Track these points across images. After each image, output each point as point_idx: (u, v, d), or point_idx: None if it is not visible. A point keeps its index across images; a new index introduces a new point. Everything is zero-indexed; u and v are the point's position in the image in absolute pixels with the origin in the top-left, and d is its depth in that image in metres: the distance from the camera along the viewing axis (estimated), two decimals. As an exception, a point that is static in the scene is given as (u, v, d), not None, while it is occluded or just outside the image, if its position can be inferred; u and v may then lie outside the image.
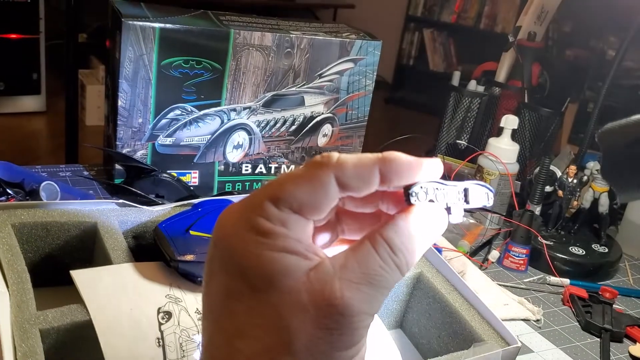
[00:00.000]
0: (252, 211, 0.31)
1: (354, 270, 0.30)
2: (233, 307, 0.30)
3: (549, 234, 1.01)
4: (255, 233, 0.30)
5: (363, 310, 0.29)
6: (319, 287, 0.29)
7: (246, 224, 0.30)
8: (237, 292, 0.30)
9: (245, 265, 0.30)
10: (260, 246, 0.30)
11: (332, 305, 0.29)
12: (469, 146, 1.17)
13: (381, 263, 0.30)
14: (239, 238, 0.30)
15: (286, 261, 0.30)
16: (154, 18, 0.91)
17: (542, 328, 0.83)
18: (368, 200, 0.34)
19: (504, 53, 1.20)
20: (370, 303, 0.30)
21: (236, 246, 0.30)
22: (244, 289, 0.30)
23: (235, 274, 0.30)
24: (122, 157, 0.95)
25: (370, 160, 0.31)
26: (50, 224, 0.66)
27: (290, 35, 0.98)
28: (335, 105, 1.06)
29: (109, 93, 0.99)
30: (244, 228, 0.30)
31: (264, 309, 0.30)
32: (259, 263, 0.30)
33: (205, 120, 0.98)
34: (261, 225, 0.30)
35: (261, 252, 0.30)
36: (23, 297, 0.56)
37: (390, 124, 4.18)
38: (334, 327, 0.29)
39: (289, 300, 0.29)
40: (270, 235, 0.30)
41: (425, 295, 0.73)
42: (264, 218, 0.30)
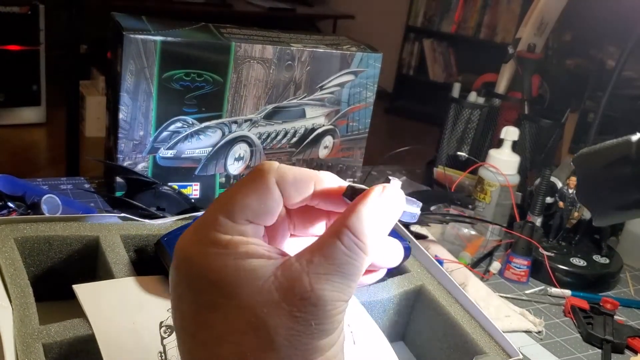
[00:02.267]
0: (209, 229, 0.32)
1: (321, 263, 0.31)
2: (208, 318, 0.31)
3: (550, 245, 1.01)
4: (217, 247, 0.32)
5: (335, 297, 0.31)
6: (288, 283, 0.30)
7: (206, 241, 0.32)
8: (210, 304, 0.31)
9: (213, 278, 0.31)
10: (224, 258, 0.31)
11: (305, 299, 0.30)
12: (469, 158, 1.17)
13: (346, 251, 0.31)
14: (202, 256, 0.32)
15: (252, 265, 0.31)
16: (155, 31, 0.91)
17: (543, 340, 0.83)
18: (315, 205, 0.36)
19: (504, 64, 1.21)
20: (341, 290, 0.31)
21: (201, 263, 0.32)
22: (217, 299, 0.31)
23: (205, 288, 0.32)
24: (123, 170, 0.95)
25: (308, 175, 0.34)
26: (53, 238, 0.67)
27: (291, 48, 0.99)
28: (336, 117, 1.06)
29: (110, 105, 1.00)
30: (205, 245, 0.32)
31: (239, 313, 0.31)
32: (226, 273, 0.31)
33: (206, 132, 0.98)
34: (220, 238, 0.32)
35: (226, 263, 0.31)
36: (26, 312, 0.56)
37: (391, 133, 4.19)
38: (311, 318, 0.30)
39: (262, 301, 0.30)
40: (231, 246, 0.32)
41: (427, 308, 0.73)
42: (220, 232, 0.32)
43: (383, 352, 0.66)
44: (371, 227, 0.32)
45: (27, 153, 3.10)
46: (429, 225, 1.00)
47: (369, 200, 0.33)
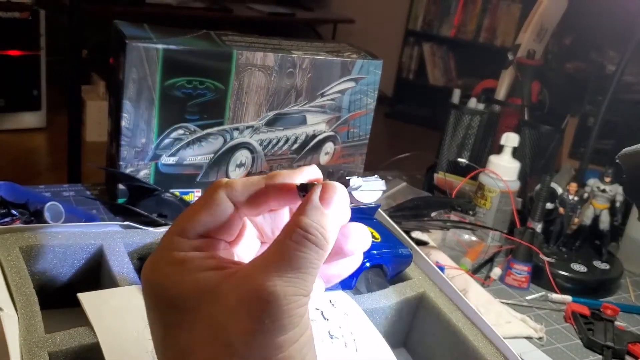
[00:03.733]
0: (165, 249, 0.34)
1: (272, 260, 0.32)
2: (174, 335, 0.33)
3: (550, 251, 1.02)
4: (173, 265, 0.33)
5: (290, 292, 0.31)
6: (241, 287, 0.32)
7: (163, 262, 0.34)
8: (174, 321, 0.33)
9: (173, 295, 0.33)
10: (180, 274, 0.33)
11: (256, 297, 0.31)
12: (469, 164, 1.17)
13: (295, 245, 0.32)
14: (161, 275, 0.34)
15: (206, 277, 0.33)
16: (157, 39, 0.92)
17: (544, 346, 0.83)
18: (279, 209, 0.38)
19: (504, 71, 1.21)
20: (296, 284, 0.31)
21: (161, 284, 0.33)
22: (179, 316, 0.33)
23: (168, 307, 0.33)
24: (125, 177, 0.96)
25: (257, 179, 0.35)
26: (57, 246, 0.67)
27: (292, 55, 0.99)
28: (337, 124, 1.07)
29: (112, 112, 1.00)
30: (163, 266, 0.34)
31: (201, 325, 0.32)
32: (183, 288, 0.33)
33: (208, 139, 0.99)
34: (175, 256, 0.34)
35: (183, 278, 0.33)
36: (31, 320, 0.57)
37: (391, 138, 4.20)
38: (265, 316, 0.31)
39: (219, 308, 0.32)
40: (186, 262, 0.33)
41: (429, 314, 0.73)
42: (176, 251, 0.34)
43: (385, 358, 0.66)
44: (317, 218, 0.33)
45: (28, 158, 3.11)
46: (430, 232, 1.00)
47: (313, 195, 0.34)
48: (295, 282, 0.31)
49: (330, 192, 0.34)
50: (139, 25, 0.99)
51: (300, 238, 0.32)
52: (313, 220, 0.33)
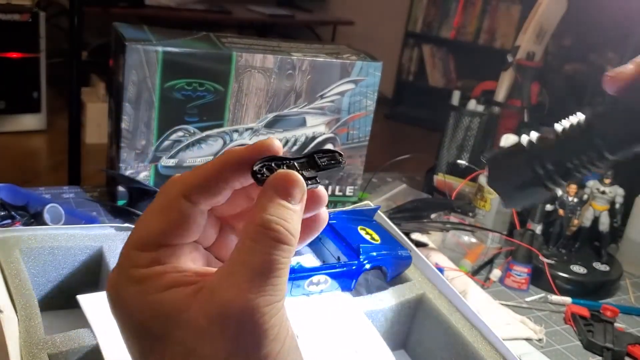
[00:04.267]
0: (123, 266, 0.31)
1: (239, 270, 0.29)
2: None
3: (550, 253, 1.02)
4: (131, 284, 0.30)
5: (262, 303, 0.28)
6: (210, 305, 0.29)
7: (122, 279, 0.31)
8: (146, 348, 0.30)
9: (139, 321, 0.30)
10: (139, 295, 0.30)
11: (227, 315, 0.28)
12: (469, 165, 1.17)
13: (259, 247, 0.29)
14: (122, 299, 0.30)
15: (169, 297, 0.29)
16: (156, 41, 0.92)
17: (544, 347, 0.83)
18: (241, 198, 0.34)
19: (503, 72, 1.21)
20: (267, 291, 0.29)
21: (124, 306, 0.30)
22: (149, 342, 0.30)
23: (135, 332, 0.30)
24: (125, 179, 0.96)
25: (208, 164, 0.31)
26: (57, 248, 0.67)
27: (291, 57, 0.99)
28: (337, 126, 1.07)
29: (112, 114, 1.00)
30: (123, 285, 0.30)
31: (173, 350, 0.29)
32: (146, 312, 0.30)
33: (207, 141, 0.99)
34: (133, 274, 0.30)
35: (145, 300, 0.30)
36: (31, 322, 0.57)
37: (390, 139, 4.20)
38: (240, 334, 0.28)
39: (191, 332, 0.29)
40: (145, 280, 0.30)
41: (428, 316, 0.73)
42: (134, 267, 0.30)
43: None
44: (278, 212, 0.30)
45: (28, 160, 3.11)
46: (430, 233, 1.00)
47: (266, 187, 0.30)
48: (266, 290, 0.28)
49: (284, 181, 0.30)
50: (139, 27, 0.99)
51: (263, 237, 0.29)
52: (274, 215, 0.29)
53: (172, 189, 0.31)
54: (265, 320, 0.28)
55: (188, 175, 0.31)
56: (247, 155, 0.31)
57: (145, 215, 0.31)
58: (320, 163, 0.33)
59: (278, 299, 0.29)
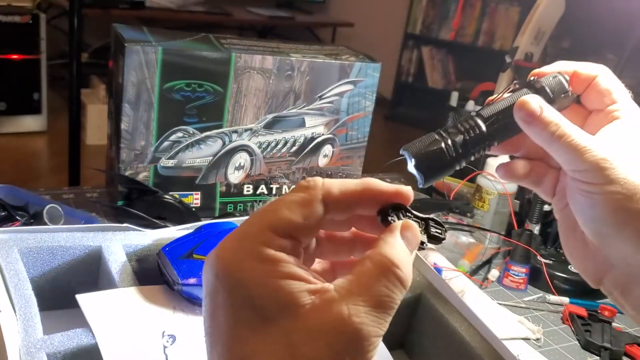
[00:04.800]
0: (254, 241, 0.32)
1: (359, 293, 0.30)
2: (244, 335, 0.31)
3: (548, 253, 1.02)
4: (260, 261, 0.31)
5: (372, 333, 0.30)
6: (327, 313, 0.30)
7: (249, 253, 0.31)
8: (247, 321, 0.31)
9: (253, 295, 0.31)
10: (266, 274, 0.31)
11: (342, 332, 0.29)
12: (467, 166, 1.18)
13: (385, 282, 0.31)
14: (244, 269, 0.31)
15: (292, 287, 0.31)
16: (156, 42, 0.92)
17: (542, 347, 0.84)
18: (347, 224, 0.37)
19: (502, 73, 1.22)
20: (378, 324, 0.30)
21: (242, 277, 0.31)
22: (255, 319, 0.31)
23: (243, 304, 0.31)
24: (125, 180, 0.96)
25: (354, 185, 0.34)
26: (56, 248, 0.67)
27: (290, 58, 1.00)
28: (336, 127, 1.07)
29: (112, 115, 1.01)
30: (248, 258, 0.31)
31: (275, 337, 0.30)
32: (267, 291, 0.31)
33: (207, 142, 0.99)
34: (265, 253, 0.31)
35: (268, 280, 0.31)
36: (30, 321, 0.57)
37: (390, 140, 4.20)
38: (347, 352, 0.30)
39: (299, 328, 0.30)
40: (275, 263, 0.31)
41: (426, 316, 0.74)
42: (266, 246, 0.31)
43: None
44: (404, 257, 0.32)
45: (29, 161, 3.11)
46: (428, 234, 1.00)
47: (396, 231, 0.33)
48: (379, 322, 0.30)
49: (413, 232, 0.34)
50: (138, 29, 0.99)
51: (390, 274, 0.31)
52: (402, 258, 0.32)
53: (316, 189, 0.33)
54: (369, 350, 0.30)
55: (332, 184, 0.34)
56: (388, 194, 0.35)
57: (284, 203, 0.33)
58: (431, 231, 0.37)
59: (381, 334, 0.31)
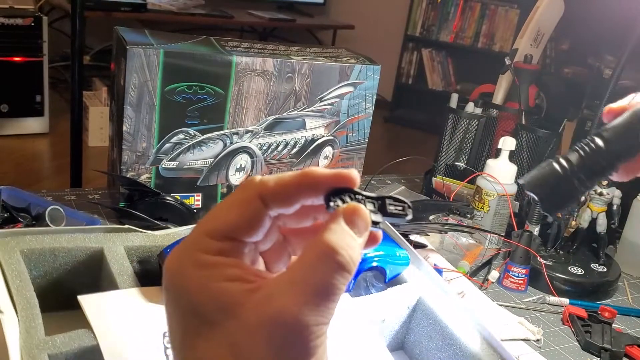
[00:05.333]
0: (192, 248, 0.32)
1: (298, 282, 0.30)
2: (192, 343, 0.31)
3: (547, 254, 1.02)
4: (198, 268, 0.31)
5: (313, 321, 0.29)
6: (265, 308, 0.30)
7: (188, 261, 0.32)
8: (193, 329, 0.31)
9: (194, 302, 0.31)
10: (203, 280, 0.31)
11: (281, 324, 0.29)
12: (467, 167, 1.18)
13: (323, 267, 0.30)
14: (184, 276, 0.32)
15: (230, 289, 0.31)
16: (157, 45, 0.93)
17: (542, 348, 0.84)
18: (304, 216, 0.35)
19: (501, 75, 1.22)
20: (320, 312, 0.30)
21: (183, 285, 0.32)
22: (199, 325, 0.31)
23: (187, 312, 0.32)
24: (127, 181, 0.97)
25: (290, 176, 0.33)
26: (58, 249, 0.68)
27: (291, 61, 1.00)
28: (336, 128, 1.08)
29: (114, 117, 1.01)
30: (187, 266, 0.32)
31: (219, 340, 0.30)
32: (205, 297, 0.31)
33: (208, 143, 1.00)
34: (201, 259, 0.32)
35: (206, 285, 0.31)
36: (32, 323, 0.57)
37: (390, 142, 4.20)
38: (287, 344, 0.29)
39: (240, 327, 0.30)
40: (211, 267, 0.31)
41: (426, 317, 0.74)
42: (202, 252, 0.32)
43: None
44: (348, 241, 0.31)
45: (31, 163, 3.12)
46: (428, 235, 1.01)
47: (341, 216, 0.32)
48: (320, 310, 0.30)
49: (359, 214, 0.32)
50: (140, 31, 1.00)
51: (328, 259, 0.30)
52: (341, 241, 0.31)
53: (251, 188, 0.33)
54: (311, 339, 0.29)
55: (268, 179, 0.33)
56: (326, 179, 0.33)
57: (221, 207, 0.33)
58: (389, 209, 0.34)
59: (327, 322, 0.30)
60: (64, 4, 3.50)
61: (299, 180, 0.33)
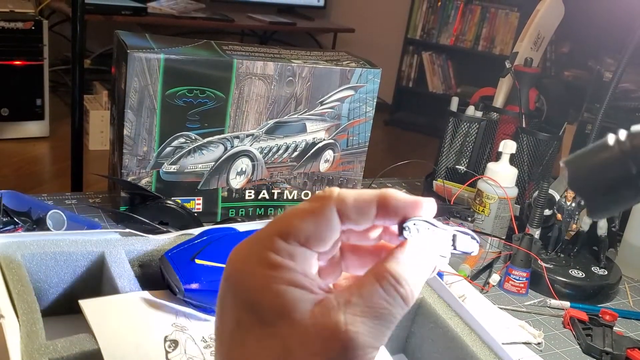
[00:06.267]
0: (262, 246, 0.32)
1: (359, 304, 0.31)
2: (243, 338, 0.32)
3: (548, 257, 1.02)
4: (265, 267, 0.32)
5: (367, 343, 0.30)
6: (323, 320, 0.30)
7: (256, 258, 0.32)
8: (247, 325, 0.32)
9: (255, 299, 0.31)
10: (268, 280, 0.31)
11: (337, 339, 0.30)
12: (468, 171, 1.18)
13: (385, 296, 0.31)
14: (249, 272, 0.32)
15: (293, 294, 0.31)
16: (158, 49, 0.93)
17: (543, 351, 0.84)
18: (370, 234, 0.36)
19: (501, 79, 1.22)
20: (375, 336, 0.31)
21: (246, 280, 0.32)
22: (254, 322, 0.31)
23: (245, 307, 0.32)
24: (128, 185, 0.97)
25: (370, 195, 0.34)
26: (59, 254, 0.68)
27: (291, 64, 1.00)
28: (337, 132, 1.08)
29: (114, 121, 1.01)
30: (254, 263, 0.32)
31: (272, 341, 0.31)
32: (267, 296, 0.31)
33: (209, 147, 1.00)
34: (270, 259, 0.32)
35: (270, 285, 0.31)
36: (33, 327, 0.57)
37: (390, 145, 4.21)
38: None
39: (295, 333, 0.30)
40: (279, 269, 0.32)
41: (427, 321, 0.74)
42: (273, 252, 0.32)
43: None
44: (411, 274, 0.32)
45: (32, 167, 3.12)
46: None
47: (408, 247, 0.33)
48: (375, 334, 0.30)
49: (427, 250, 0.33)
50: (141, 35, 1.00)
51: (392, 291, 0.31)
52: (409, 277, 0.32)
53: (330, 199, 0.33)
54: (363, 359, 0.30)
55: (348, 193, 0.33)
56: (406, 206, 0.34)
57: (296, 212, 0.33)
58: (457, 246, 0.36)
59: (378, 346, 0.31)
60: (65, 7, 3.50)
61: (379, 201, 0.33)
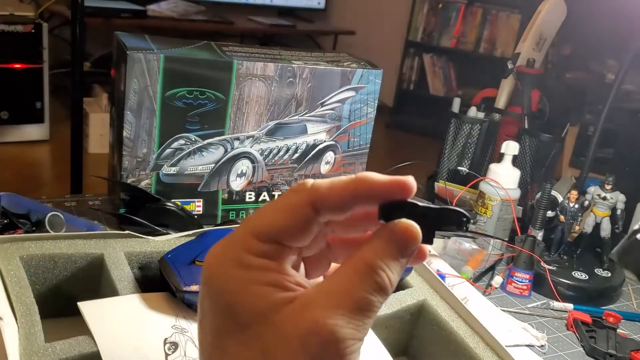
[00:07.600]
0: (236, 247, 0.31)
1: (337, 295, 0.30)
2: (223, 343, 0.31)
3: (551, 259, 1.02)
4: (239, 268, 0.31)
5: (348, 335, 0.29)
6: (302, 317, 0.29)
7: (230, 260, 0.31)
8: (226, 329, 0.31)
9: (230, 301, 0.31)
10: (243, 281, 0.31)
11: (316, 334, 0.29)
12: (470, 172, 1.18)
13: (362, 285, 0.30)
14: (224, 275, 0.31)
15: (268, 294, 0.30)
16: (158, 50, 0.92)
17: (546, 354, 0.83)
18: (355, 224, 0.34)
19: (504, 80, 1.22)
20: (355, 327, 0.29)
21: (222, 283, 0.31)
22: (232, 325, 0.30)
23: (223, 311, 0.31)
24: (127, 187, 0.96)
25: (344, 181, 0.32)
26: (58, 255, 0.67)
27: (292, 65, 1.00)
28: (338, 133, 1.07)
29: (114, 123, 1.01)
30: (229, 264, 0.31)
31: (251, 343, 0.30)
32: (243, 298, 0.30)
33: (209, 149, 0.99)
34: (244, 259, 0.31)
35: (245, 287, 0.30)
36: (31, 329, 0.57)
37: (392, 148, 4.20)
38: (321, 356, 0.29)
39: (273, 333, 0.30)
40: (253, 269, 0.31)
41: (430, 323, 0.73)
42: (247, 252, 0.31)
43: (386, 367, 0.66)
44: (391, 264, 0.31)
45: (31, 170, 3.12)
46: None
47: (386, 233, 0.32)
48: (357, 326, 0.29)
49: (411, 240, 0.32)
50: (140, 36, 1.00)
51: (369, 279, 0.30)
52: (386, 264, 0.31)
53: (302, 192, 0.32)
54: (346, 353, 0.29)
55: (321, 185, 0.32)
56: (382, 187, 0.32)
57: (270, 208, 0.32)
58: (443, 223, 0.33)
59: (361, 337, 0.30)
60: (64, 10, 3.50)
61: (353, 186, 0.32)
